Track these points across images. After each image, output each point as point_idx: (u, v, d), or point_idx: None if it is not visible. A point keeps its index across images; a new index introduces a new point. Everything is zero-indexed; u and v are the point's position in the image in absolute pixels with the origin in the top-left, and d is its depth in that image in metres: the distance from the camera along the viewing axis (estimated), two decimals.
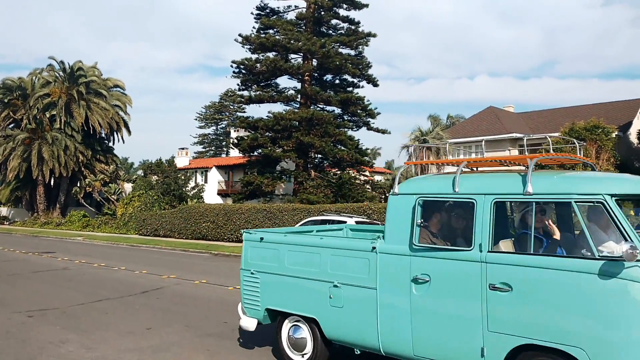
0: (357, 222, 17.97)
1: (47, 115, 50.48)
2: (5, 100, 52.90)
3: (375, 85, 40.55)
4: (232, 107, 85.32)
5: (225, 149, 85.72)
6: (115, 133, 54.50)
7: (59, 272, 15.72)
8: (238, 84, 41.49)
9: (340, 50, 39.38)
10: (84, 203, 50.73)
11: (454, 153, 36.80)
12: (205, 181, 52.26)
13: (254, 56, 39.88)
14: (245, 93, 41.60)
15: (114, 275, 15.21)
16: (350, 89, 40.74)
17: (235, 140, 42.52)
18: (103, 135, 54.10)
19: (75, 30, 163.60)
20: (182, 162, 55.16)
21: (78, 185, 52.04)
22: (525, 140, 6.13)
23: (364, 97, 38.99)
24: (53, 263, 18.37)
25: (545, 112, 40.96)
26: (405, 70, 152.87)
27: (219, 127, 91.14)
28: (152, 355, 6.91)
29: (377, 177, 48.96)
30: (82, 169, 51.05)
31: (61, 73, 52.69)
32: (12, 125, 54.17)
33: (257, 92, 40.50)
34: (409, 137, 32.64)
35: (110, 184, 47.66)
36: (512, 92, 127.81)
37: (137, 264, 18.26)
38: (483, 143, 6.28)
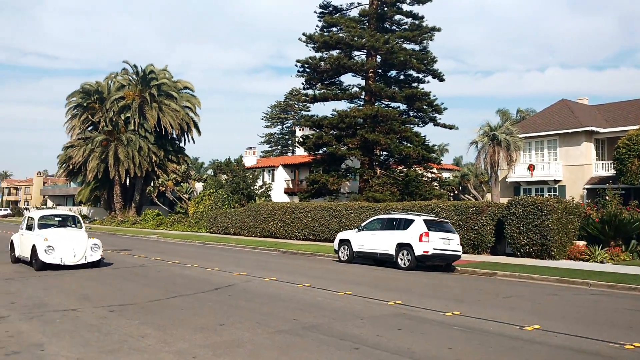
0: (425, 221, 17.76)
1: (122, 118, 52.81)
2: (84, 104, 55.80)
3: (441, 80, 39.86)
4: (297, 105, 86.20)
5: (290, 148, 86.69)
6: (185, 134, 56.31)
7: (136, 269, 16.43)
8: (303, 83, 41.94)
9: (404, 45, 39.01)
10: (158, 202, 52.84)
11: (526, 148, 35.66)
12: (272, 180, 53.08)
13: (318, 55, 40.19)
14: (310, 92, 41.98)
15: (187, 272, 15.73)
16: (416, 84, 40.28)
17: (301, 139, 42.93)
18: (174, 136, 56.03)
19: (146, 34, 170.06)
20: (249, 161, 56.28)
21: (152, 184, 54.19)
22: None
23: (430, 92, 38.48)
24: (130, 260, 19.21)
25: (624, 103, 38.83)
26: (472, 64, 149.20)
27: (284, 126, 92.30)
28: (226, 350, 7.08)
29: (445, 174, 48.14)
30: (155, 169, 53.08)
31: (134, 76, 55.01)
32: (90, 127, 57.06)
33: (322, 91, 40.72)
34: (478, 133, 31.80)
35: (182, 184, 49.34)
36: (586, 84, 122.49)
37: (209, 261, 18.80)
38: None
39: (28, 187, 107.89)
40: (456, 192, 47.31)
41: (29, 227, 16.54)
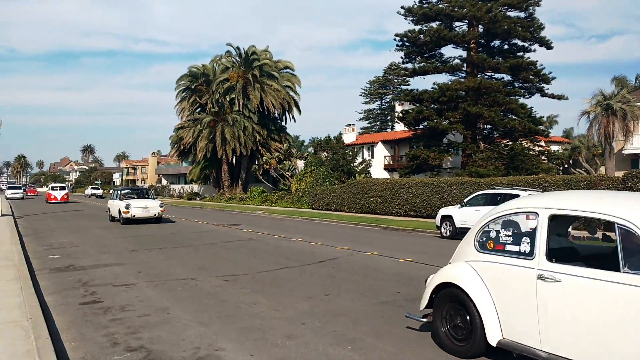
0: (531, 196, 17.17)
1: (227, 99, 55.06)
2: (192, 87, 58.78)
3: (549, 47, 37.77)
4: (396, 80, 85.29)
5: (390, 124, 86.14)
6: (286, 112, 57.69)
7: (245, 242, 17.39)
8: (401, 57, 41.44)
9: (508, 13, 37.34)
10: (262, 179, 54.92)
11: None
12: (372, 156, 53.21)
13: (417, 27, 39.51)
14: (409, 65, 41.40)
15: (293, 246, 16.41)
16: (521, 53, 38.51)
17: (400, 114, 42.58)
18: (276, 115, 57.58)
19: (248, 16, 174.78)
20: (349, 138, 56.71)
21: (256, 163, 56.30)
22: None
23: (536, 61, 36.69)
24: (240, 234, 20.31)
25: None
26: (585, 29, 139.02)
27: (383, 101, 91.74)
28: (332, 318, 7.47)
29: (554, 147, 45.87)
30: (259, 147, 55.03)
31: (237, 58, 56.99)
32: (198, 109, 60.08)
33: (421, 64, 40.05)
34: (590, 102, 29.94)
35: (284, 162, 50.85)
36: None
37: (312, 236, 19.44)
38: None
39: (144, 167, 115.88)
40: (566, 166, 44.94)
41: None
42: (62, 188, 54.46)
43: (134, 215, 24.34)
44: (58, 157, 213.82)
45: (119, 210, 24.81)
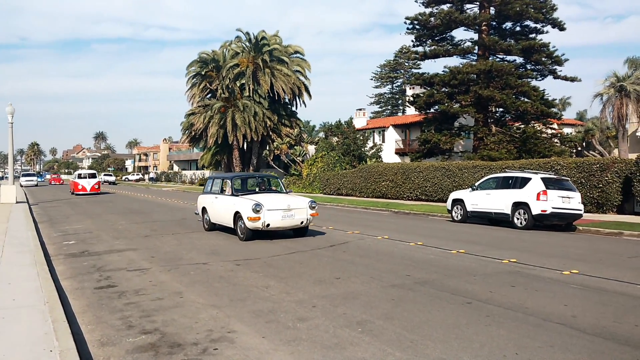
0: (542, 179, 17.12)
1: (238, 84, 55.02)
2: (202, 73, 58.79)
3: (562, 29, 37.20)
4: (407, 64, 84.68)
5: (401, 108, 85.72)
6: (297, 97, 57.53)
7: None
8: (412, 40, 41.02)
9: None
10: (273, 165, 55.03)
11: None
12: (383, 141, 53.04)
13: (428, 10, 39.10)
14: (420, 49, 41.01)
15: None
16: (533, 35, 37.96)
17: (411, 98, 42.33)
18: (286, 100, 57.42)
19: (258, 1, 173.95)
20: (360, 122, 56.52)
21: (267, 148, 56.37)
22: None
23: (549, 43, 36.11)
24: None
25: None
26: (601, 9, 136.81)
27: (394, 85, 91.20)
28: (343, 301, 7.55)
29: (567, 130, 45.39)
30: (270, 133, 55.05)
31: (247, 43, 56.81)
32: (209, 95, 60.12)
33: (432, 47, 39.67)
34: (603, 84, 29.59)
35: (295, 147, 50.87)
36: None
37: (323, 221, 19.50)
38: None
39: (156, 153, 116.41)
40: (579, 149, 44.53)
41: None
42: (92, 176, 43.78)
43: (269, 225, 13.71)
44: (71, 145, 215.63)
45: (237, 214, 14.15)
